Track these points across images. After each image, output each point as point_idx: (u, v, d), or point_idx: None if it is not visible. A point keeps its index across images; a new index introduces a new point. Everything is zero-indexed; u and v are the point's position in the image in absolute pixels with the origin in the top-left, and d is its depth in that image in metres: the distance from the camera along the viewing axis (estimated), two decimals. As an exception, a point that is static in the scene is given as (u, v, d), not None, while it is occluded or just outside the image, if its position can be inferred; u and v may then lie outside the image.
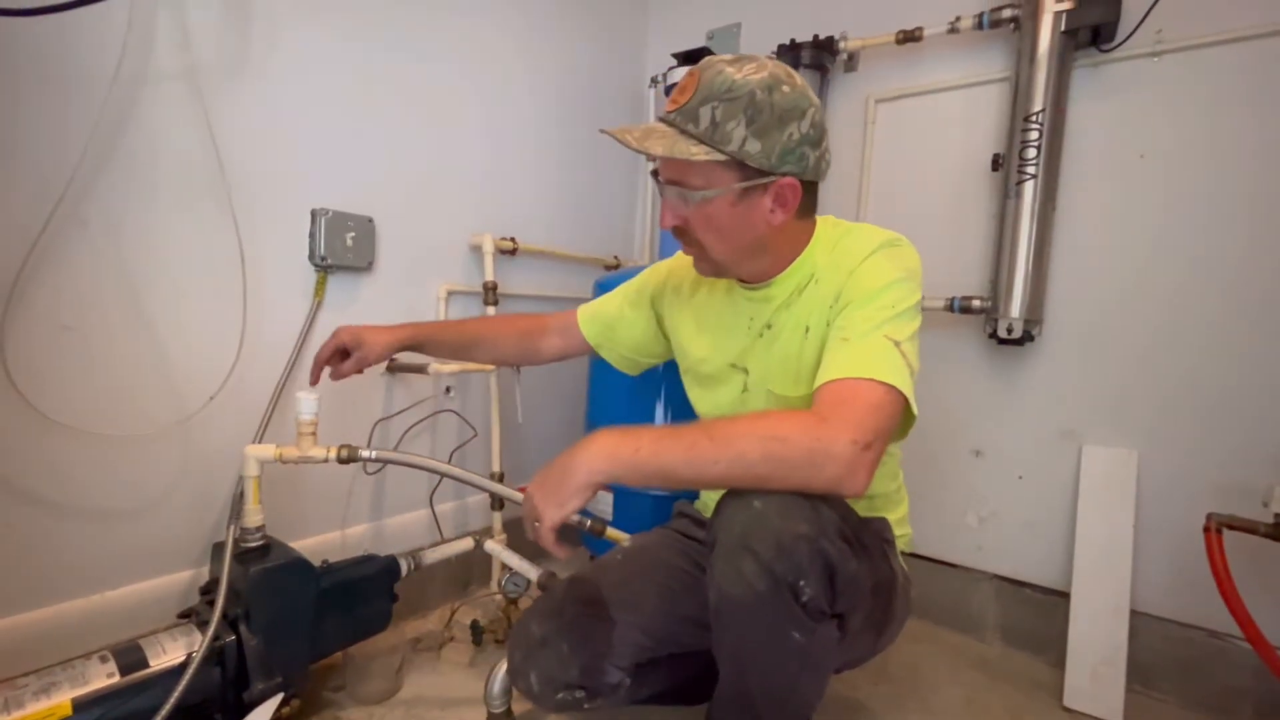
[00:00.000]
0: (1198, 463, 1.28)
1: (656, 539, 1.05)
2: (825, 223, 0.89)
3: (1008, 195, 1.37)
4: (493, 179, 1.62)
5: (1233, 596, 1.06)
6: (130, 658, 0.91)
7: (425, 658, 1.32)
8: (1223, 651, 1.24)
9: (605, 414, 1.51)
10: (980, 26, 1.42)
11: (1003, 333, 1.38)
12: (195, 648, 0.93)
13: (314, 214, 1.26)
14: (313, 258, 1.27)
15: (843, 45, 1.59)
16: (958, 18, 1.44)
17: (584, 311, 1.12)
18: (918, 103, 1.59)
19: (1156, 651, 1.30)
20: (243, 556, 1.03)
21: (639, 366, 1.13)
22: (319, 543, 1.34)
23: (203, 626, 0.96)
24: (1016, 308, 1.36)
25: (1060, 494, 1.43)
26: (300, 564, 1.06)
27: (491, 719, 1.05)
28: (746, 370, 0.92)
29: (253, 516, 1.05)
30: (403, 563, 1.23)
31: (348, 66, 1.30)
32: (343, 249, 1.29)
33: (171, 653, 0.94)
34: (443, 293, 1.50)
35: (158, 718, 0.85)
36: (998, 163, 1.43)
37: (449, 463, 1.15)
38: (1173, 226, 1.30)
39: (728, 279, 0.94)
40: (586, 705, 0.89)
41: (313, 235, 1.26)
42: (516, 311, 1.62)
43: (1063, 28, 1.30)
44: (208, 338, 1.13)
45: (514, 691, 1.03)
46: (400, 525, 1.50)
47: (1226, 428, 1.26)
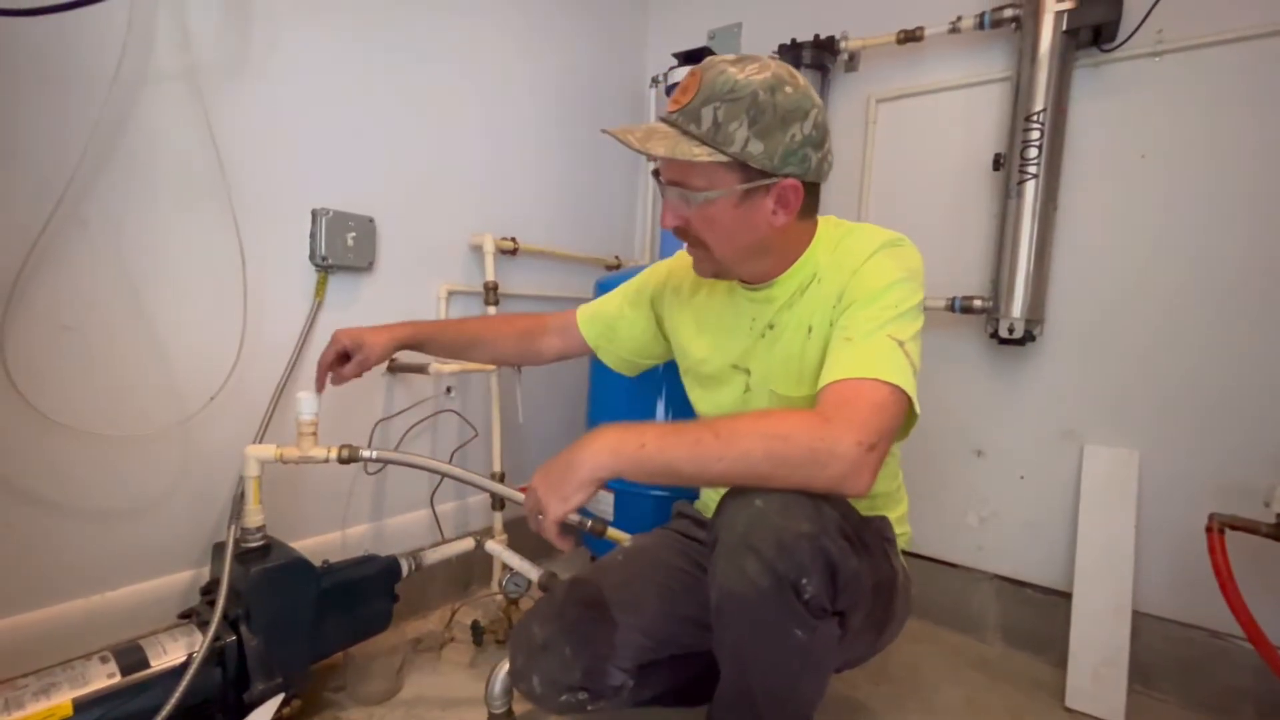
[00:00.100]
0: (1199, 462, 1.28)
1: (657, 540, 1.05)
2: (827, 223, 0.89)
3: (1009, 195, 1.37)
4: (493, 179, 1.62)
5: (1234, 596, 1.06)
6: (131, 658, 0.91)
7: (426, 658, 1.32)
8: (1224, 652, 1.24)
9: (606, 414, 1.51)
10: (981, 26, 1.42)
11: (1004, 332, 1.38)
12: (196, 648, 0.93)
13: (315, 214, 1.26)
14: (313, 258, 1.27)
15: (843, 45, 1.59)
16: (959, 17, 1.44)
17: (583, 312, 1.12)
18: (919, 103, 1.59)
19: (1158, 652, 1.30)
20: (243, 557, 1.03)
21: (637, 368, 1.13)
22: (319, 543, 1.34)
23: (203, 627, 0.96)
24: (1018, 307, 1.36)
25: (1061, 494, 1.43)
26: (301, 564, 1.06)
27: (492, 719, 1.05)
28: (748, 371, 0.92)
29: (253, 517, 1.05)
30: (403, 563, 1.23)
31: (348, 66, 1.30)
32: (343, 249, 1.29)
33: (172, 653, 0.94)
34: (443, 293, 1.50)
35: (158, 718, 0.85)
36: (999, 162, 1.43)
37: (450, 463, 1.15)
38: (1174, 226, 1.30)
39: (729, 280, 0.94)
40: (589, 707, 0.89)
41: (313, 235, 1.26)
42: (517, 311, 1.62)
43: (1064, 27, 1.30)
44: (208, 338, 1.13)
45: (514, 692, 1.03)
46: (401, 525, 1.49)
47: (1228, 427, 1.25)
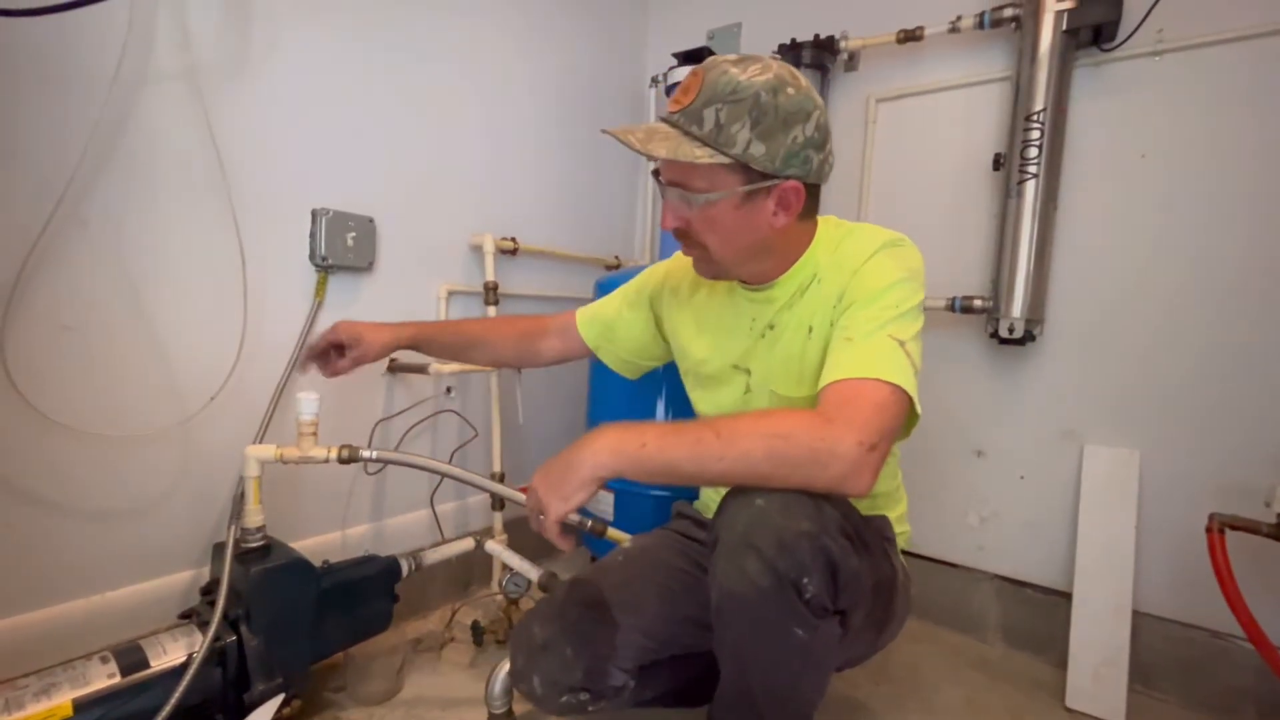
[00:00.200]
0: (1199, 462, 1.28)
1: (657, 540, 1.05)
2: (827, 223, 0.89)
3: (1009, 195, 1.37)
4: (493, 179, 1.62)
5: (1235, 597, 1.06)
6: (131, 658, 0.91)
7: (426, 658, 1.32)
8: (1225, 652, 1.24)
9: (606, 414, 1.51)
10: (981, 26, 1.42)
11: (1004, 332, 1.38)
12: (196, 648, 0.93)
13: (314, 214, 1.26)
14: (313, 258, 1.27)
15: (843, 45, 1.59)
16: (959, 17, 1.44)
17: (583, 313, 1.12)
18: (919, 102, 1.58)
19: (1158, 652, 1.30)
20: (243, 557, 1.03)
21: (638, 370, 1.12)
22: (319, 543, 1.34)
23: (203, 627, 0.96)
24: (1018, 307, 1.36)
25: (1062, 494, 1.43)
26: (301, 564, 1.06)
27: (492, 719, 1.05)
28: (749, 371, 0.92)
29: (253, 517, 1.05)
30: (403, 563, 1.23)
31: (348, 66, 1.30)
32: (343, 249, 1.29)
33: (172, 653, 0.94)
34: (443, 293, 1.50)
35: (159, 718, 0.85)
36: (999, 162, 1.43)
37: (450, 463, 1.15)
38: (1174, 226, 1.30)
39: (729, 280, 0.93)
40: (590, 708, 0.89)
41: (313, 235, 1.26)
42: (517, 312, 1.62)
43: (1064, 27, 1.30)
44: (208, 338, 1.13)
45: (515, 692, 1.03)
46: (401, 525, 1.49)
47: (1228, 427, 1.25)
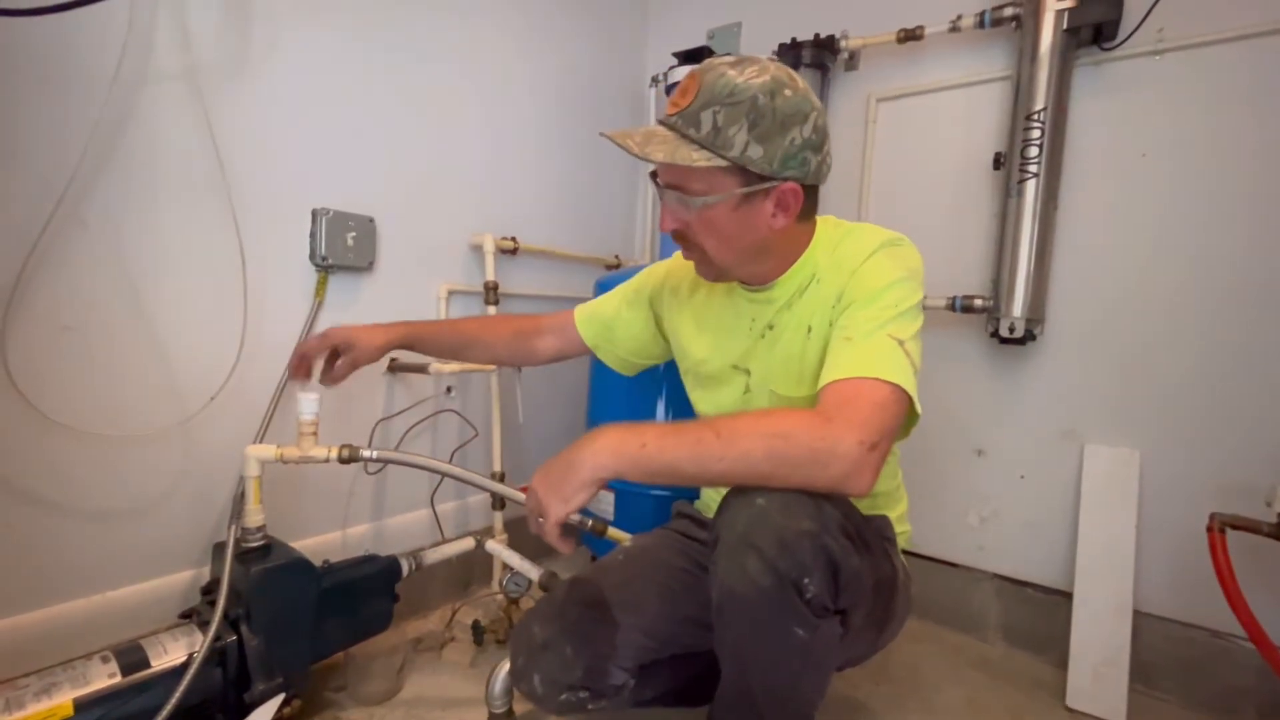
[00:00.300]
0: (1200, 462, 1.28)
1: (657, 540, 1.05)
2: (826, 223, 0.89)
3: (1009, 194, 1.37)
4: (493, 179, 1.62)
5: (1236, 596, 1.06)
6: (132, 658, 0.91)
7: (426, 658, 1.32)
8: (1226, 651, 1.24)
9: (606, 414, 1.51)
10: (982, 25, 1.41)
11: (1004, 332, 1.37)
12: (196, 648, 0.93)
13: (315, 214, 1.26)
14: (313, 257, 1.27)
15: (844, 44, 1.59)
16: (959, 16, 1.44)
17: (581, 312, 1.12)
18: (919, 102, 1.58)
19: (1159, 651, 1.30)
20: (244, 556, 1.03)
21: (635, 368, 1.12)
22: (320, 543, 1.34)
23: (204, 627, 0.97)
24: (1018, 307, 1.36)
25: (1062, 493, 1.43)
26: (301, 564, 1.06)
27: (493, 719, 1.05)
28: (749, 371, 0.92)
29: (254, 516, 1.06)
30: (404, 563, 1.23)
31: (348, 66, 1.30)
32: (343, 249, 1.29)
33: (173, 653, 0.94)
34: (443, 292, 1.50)
35: (159, 718, 0.85)
36: (999, 161, 1.43)
37: (450, 462, 1.15)
38: (1175, 225, 1.30)
39: (729, 281, 0.93)
40: (590, 706, 0.89)
41: (313, 235, 1.26)
42: (518, 311, 1.62)
43: (1064, 26, 1.30)
44: (208, 338, 1.13)
45: (515, 692, 1.03)
46: (401, 525, 1.49)
47: (1229, 427, 1.25)
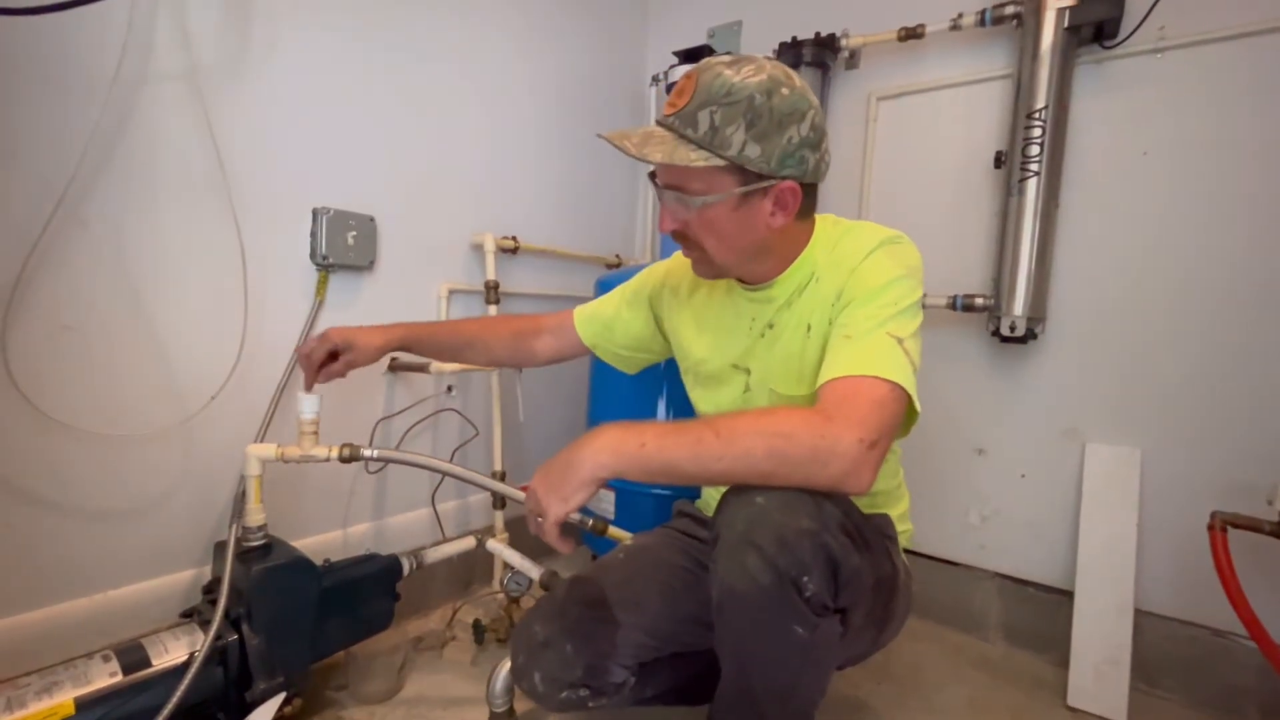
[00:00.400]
0: (1201, 461, 1.28)
1: (658, 538, 1.05)
2: (825, 221, 0.89)
3: (1010, 193, 1.37)
4: (494, 178, 1.62)
5: (1237, 595, 1.06)
6: (133, 657, 0.91)
7: (427, 657, 1.32)
8: (1227, 650, 1.24)
9: (607, 413, 1.51)
10: (983, 23, 1.41)
11: (1005, 330, 1.37)
12: (197, 647, 0.94)
13: (315, 213, 1.26)
14: (314, 257, 1.27)
15: (844, 43, 1.59)
16: (960, 14, 1.43)
17: (580, 312, 1.11)
18: (920, 100, 1.58)
19: (1160, 650, 1.30)
20: (245, 556, 1.03)
21: (637, 364, 1.12)
22: (321, 542, 1.34)
23: (205, 626, 0.97)
24: (1019, 305, 1.36)
25: (1063, 492, 1.42)
26: (302, 563, 1.06)
27: (494, 718, 1.05)
28: (748, 370, 0.92)
29: (254, 516, 1.06)
30: (405, 562, 1.23)
31: (348, 66, 1.30)
32: (344, 248, 1.29)
33: (174, 652, 0.94)
34: (444, 292, 1.50)
35: (160, 717, 0.85)
36: (1000, 160, 1.43)
37: (450, 462, 1.15)
38: (1176, 223, 1.29)
39: (729, 280, 0.93)
40: (590, 704, 0.89)
41: (314, 234, 1.26)
42: (518, 311, 1.62)
43: (1065, 24, 1.29)
44: (209, 337, 1.13)
45: (516, 690, 1.03)
46: (402, 524, 1.50)
47: (1230, 425, 1.25)
